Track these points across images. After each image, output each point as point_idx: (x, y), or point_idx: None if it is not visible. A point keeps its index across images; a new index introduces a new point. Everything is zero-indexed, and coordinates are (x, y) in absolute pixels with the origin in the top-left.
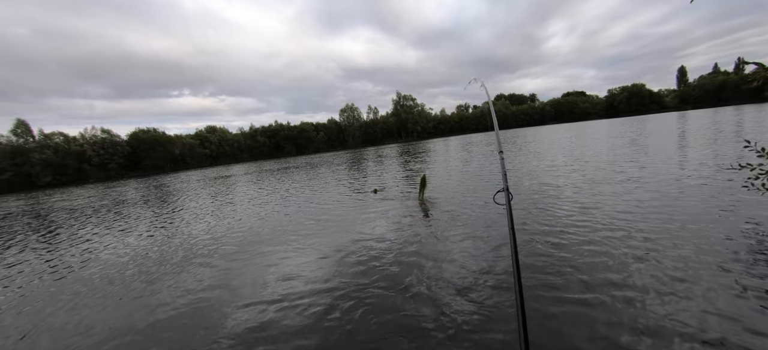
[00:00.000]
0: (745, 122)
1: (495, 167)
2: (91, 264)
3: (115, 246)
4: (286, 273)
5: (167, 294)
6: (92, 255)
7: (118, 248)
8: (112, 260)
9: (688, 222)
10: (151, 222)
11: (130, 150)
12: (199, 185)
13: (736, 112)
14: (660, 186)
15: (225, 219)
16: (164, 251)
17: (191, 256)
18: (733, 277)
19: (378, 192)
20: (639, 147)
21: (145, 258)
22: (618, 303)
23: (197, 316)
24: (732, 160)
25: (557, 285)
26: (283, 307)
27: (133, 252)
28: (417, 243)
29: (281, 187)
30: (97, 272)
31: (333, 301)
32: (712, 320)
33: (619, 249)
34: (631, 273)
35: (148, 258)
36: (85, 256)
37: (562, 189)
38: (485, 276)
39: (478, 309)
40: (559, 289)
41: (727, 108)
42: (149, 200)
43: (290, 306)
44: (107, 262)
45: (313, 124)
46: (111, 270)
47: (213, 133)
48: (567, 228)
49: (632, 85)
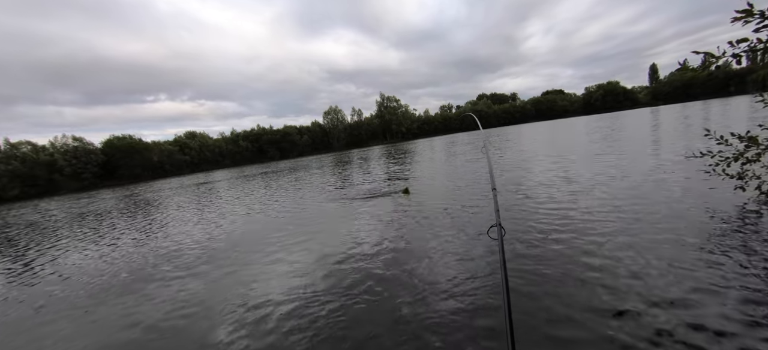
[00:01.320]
0: (711, 116)
1: (478, 165)
2: (55, 278)
3: (83, 258)
4: (266, 280)
5: (140, 307)
6: (58, 269)
7: (86, 260)
8: (78, 274)
9: (659, 207)
10: (124, 232)
11: (104, 158)
12: (176, 193)
13: (704, 106)
14: (635, 176)
15: (204, 226)
16: (136, 262)
17: (167, 267)
18: (696, 255)
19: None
20: (614, 141)
21: (114, 267)
22: (598, 286)
23: (171, 334)
24: (697, 150)
25: (539, 271)
26: (262, 316)
27: (103, 264)
28: (404, 245)
29: (263, 192)
30: (61, 286)
31: (318, 307)
32: (687, 294)
33: (601, 234)
34: (611, 257)
35: (121, 268)
36: (50, 270)
37: (544, 180)
38: (473, 280)
39: (467, 309)
40: (540, 264)
41: (695, 103)
42: (123, 210)
43: (269, 315)
44: (72, 275)
45: (297, 127)
46: (76, 284)
47: (193, 139)
48: (552, 217)
49: (607, 82)
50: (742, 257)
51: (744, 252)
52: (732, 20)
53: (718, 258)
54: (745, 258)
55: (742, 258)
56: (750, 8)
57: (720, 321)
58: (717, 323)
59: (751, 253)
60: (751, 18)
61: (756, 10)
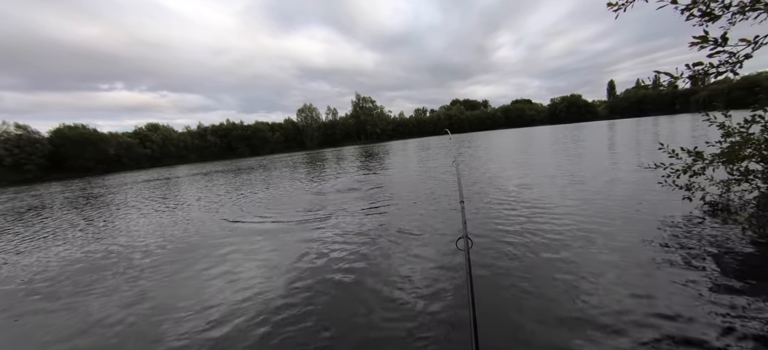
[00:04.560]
0: (661, 131)
1: (449, 175)
2: None
3: (13, 259)
4: (223, 287)
5: (80, 314)
6: None
7: (15, 261)
8: (5, 277)
9: (617, 214)
10: (67, 231)
11: (52, 148)
12: (132, 188)
13: (654, 122)
14: (595, 184)
15: (159, 225)
16: (77, 264)
17: (114, 269)
18: (648, 258)
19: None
20: (578, 151)
21: (48, 270)
22: (560, 290)
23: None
24: (651, 162)
25: (504, 273)
26: (211, 328)
27: (38, 265)
28: (369, 254)
29: (227, 190)
30: None
31: (273, 315)
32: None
33: (562, 238)
34: (570, 262)
35: (57, 271)
36: None
37: (510, 187)
38: (440, 292)
39: (432, 321)
40: (507, 277)
41: (647, 118)
42: (66, 205)
43: (227, 323)
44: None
45: (269, 123)
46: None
47: (155, 132)
48: (514, 223)
49: (571, 95)
50: (687, 261)
51: (687, 257)
52: (690, 45)
53: (669, 259)
54: (688, 262)
55: (687, 262)
56: (705, 35)
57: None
58: (666, 323)
59: (694, 258)
60: (706, 44)
61: (711, 37)
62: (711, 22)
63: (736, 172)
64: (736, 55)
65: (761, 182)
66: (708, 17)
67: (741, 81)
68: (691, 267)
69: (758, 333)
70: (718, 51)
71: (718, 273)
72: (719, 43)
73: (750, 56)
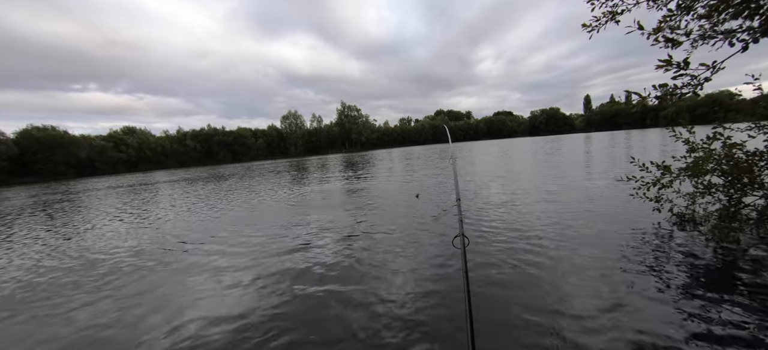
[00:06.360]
0: (633, 144)
1: (444, 174)
2: None
3: None
4: (202, 299)
5: (40, 329)
6: None
7: None
8: None
9: (591, 222)
10: (27, 238)
11: (18, 151)
12: (104, 193)
13: (627, 135)
14: (571, 196)
15: (131, 235)
16: (40, 272)
17: (70, 279)
18: (622, 264)
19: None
20: (557, 163)
21: (9, 280)
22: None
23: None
24: (624, 174)
25: (496, 278)
26: (197, 332)
27: None
28: (365, 254)
29: (209, 196)
30: None
31: (270, 312)
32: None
33: (549, 241)
34: (551, 269)
35: (18, 280)
36: None
37: (501, 193)
38: (436, 289)
39: (428, 317)
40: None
41: (620, 131)
42: (29, 210)
43: (203, 335)
44: None
45: (252, 129)
46: None
47: (131, 135)
48: (504, 233)
49: (550, 108)
50: (653, 268)
51: (654, 264)
52: (656, 67)
53: (636, 267)
54: (654, 268)
55: (653, 268)
56: (669, 59)
57: (634, 318)
58: (632, 321)
59: (661, 265)
60: (670, 67)
61: (674, 61)
62: (674, 47)
63: (700, 185)
64: (697, 78)
65: (722, 195)
66: (671, 43)
67: (705, 98)
68: (655, 272)
69: (717, 333)
70: (681, 74)
71: (683, 279)
72: (682, 67)
73: (709, 79)
